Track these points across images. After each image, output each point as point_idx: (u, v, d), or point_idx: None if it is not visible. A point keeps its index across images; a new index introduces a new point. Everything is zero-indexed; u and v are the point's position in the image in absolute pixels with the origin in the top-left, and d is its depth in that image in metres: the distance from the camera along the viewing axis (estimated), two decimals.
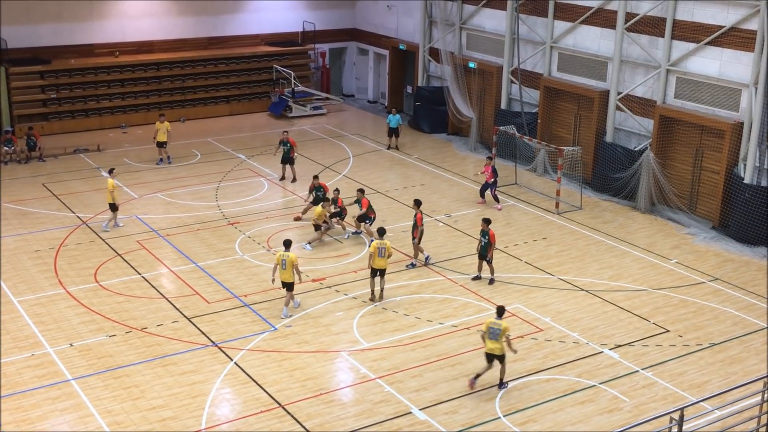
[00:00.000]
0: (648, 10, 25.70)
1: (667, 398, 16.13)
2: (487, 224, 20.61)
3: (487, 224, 20.61)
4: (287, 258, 18.63)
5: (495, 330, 15.97)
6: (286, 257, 18.64)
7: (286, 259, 18.63)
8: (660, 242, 23.62)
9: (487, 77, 31.96)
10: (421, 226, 21.47)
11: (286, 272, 18.68)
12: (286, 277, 18.75)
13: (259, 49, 36.82)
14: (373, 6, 37.96)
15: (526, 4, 29.88)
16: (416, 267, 21.52)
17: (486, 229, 20.57)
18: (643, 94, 26.34)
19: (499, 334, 15.93)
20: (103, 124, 33.49)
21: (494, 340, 15.98)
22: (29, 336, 17.90)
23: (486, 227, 20.59)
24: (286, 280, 18.80)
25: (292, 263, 18.64)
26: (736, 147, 23.79)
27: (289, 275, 18.72)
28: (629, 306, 19.83)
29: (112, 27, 33.91)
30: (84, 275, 20.78)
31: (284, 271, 18.69)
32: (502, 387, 16.33)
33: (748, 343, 18.29)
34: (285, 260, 18.64)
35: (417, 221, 21.43)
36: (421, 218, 21.50)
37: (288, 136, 27.61)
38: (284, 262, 18.65)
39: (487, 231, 20.55)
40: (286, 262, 18.63)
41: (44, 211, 24.83)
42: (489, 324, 16.07)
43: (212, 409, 15.55)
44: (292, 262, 18.63)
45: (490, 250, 20.61)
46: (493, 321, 16.09)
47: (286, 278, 18.77)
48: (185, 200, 25.95)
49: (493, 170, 25.79)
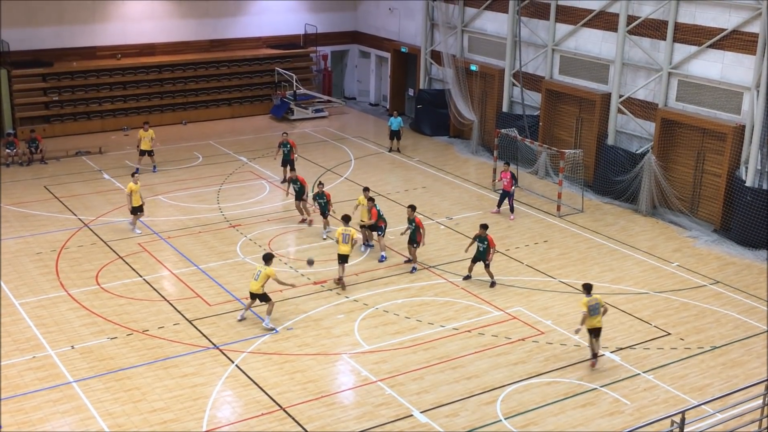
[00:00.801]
0: (650, 13, 25.71)
1: (668, 401, 16.12)
2: (484, 230, 20.57)
3: (484, 230, 20.57)
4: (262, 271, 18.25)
5: (596, 306, 16.87)
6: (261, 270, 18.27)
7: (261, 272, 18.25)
8: (661, 245, 23.61)
9: (489, 80, 31.97)
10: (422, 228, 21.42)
11: (257, 283, 18.32)
12: (255, 289, 18.41)
13: (260, 51, 36.85)
14: (375, 9, 38.00)
15: (528, 7, 29.91)
16: (418, 270, 21.50)
17: (483, 234, 20.51)
18: (645, 97, 26.35)
19: (599, 308, 16.89)
20: (105, 127, 33.54)
21: (597, 315, 16.89)
22: (30, 338, 17.91)
23: (483, 233, 20.55)
24: (255, 292, 18.46)
25: (267, 276, 18.21)
26: (737, 150, 23.78)
27: (259, 287, 18.34)
28: (630, 309, 19.82)
29: (114, 29, 33.96)
30: (85, 278, 20.79)
31: (254, 282, 18.36)
32: (594, 359, 17.27)
33: (749, 346, 18.27)
34: (259, 272, 18.26)
35: (419, 224, 21.34)
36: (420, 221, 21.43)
37: (288, 138, 27.62)
38: (258, 274, 18.28)
39: (485, 237, 20.51)
40: (260, 274, 18.24)
41: (46, 214, 24.85)
42: (587, 302, 16.78)
43: (213, 412, 15.55)
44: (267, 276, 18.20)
45: (490, 255, 20.54)
46: (589, 299, 16.86)
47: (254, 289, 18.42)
48: (187, 203, 25.97)
49: (513, 177, 25.26)
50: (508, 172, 25.25)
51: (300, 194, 24.16)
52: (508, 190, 25.24)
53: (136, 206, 23.33)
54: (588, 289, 17.23)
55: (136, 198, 23.23)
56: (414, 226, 21.38)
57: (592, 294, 17.11)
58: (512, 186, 25.18)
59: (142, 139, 28.33)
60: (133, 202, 23.25)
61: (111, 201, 25.86)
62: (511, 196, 25.34)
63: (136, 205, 23.30)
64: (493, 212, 25.64)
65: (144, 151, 28.44)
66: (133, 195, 23.19)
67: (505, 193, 25.39)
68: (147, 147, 28.37)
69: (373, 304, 19.78)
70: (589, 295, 17.05)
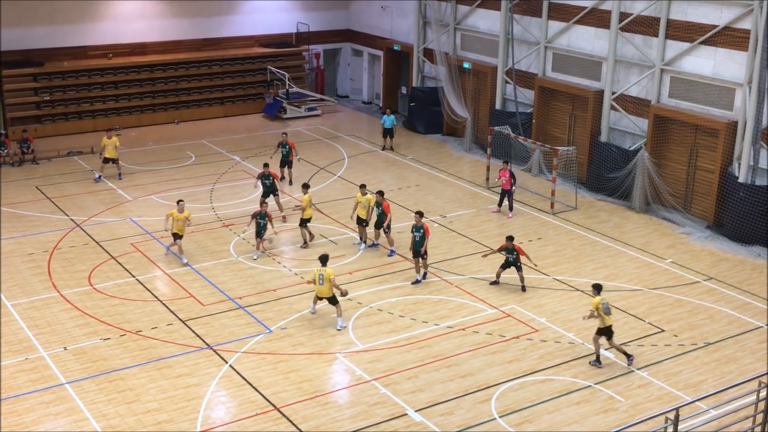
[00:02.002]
0: (642, 10, 25.72)
1: (662, 398, 16.13)
2: (510, 242, 20.30)
3: (510, 242, 20.30)
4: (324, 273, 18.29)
5: (607, 305, 16.99)
6: (323, 272, 18.29)
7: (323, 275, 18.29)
8: (655, 242, 23.63)
9: (482, 77, 31.96)
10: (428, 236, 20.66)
11: (324, 287, 18.37)
12: (325, 293, 18.50)
13: (253, 50, 36.77)
14: (367, 7, 37.94)
15: (520, 5, 29.89)
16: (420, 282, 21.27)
17: (511, 246, 20.27)
18: (638, 93, 26.35)
19: (610, 307, 17.10)
20: (97, 127, 33.39)
21: (610, 314, 17.01)
22: (23, 340, 17.83)
23: (510, 244, 20.28)
24: (325, 296, 18.57)
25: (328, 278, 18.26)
26: (730, 146, 23.81)
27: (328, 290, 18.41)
28: (624, 306, 19.82)
29: (105, 29, 33.84)
30: (78, 278, 20.71)
31: (320, 287, 18.41)
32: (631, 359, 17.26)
33: (743, 342, 18.30)
34: (322, 275, 18.28)
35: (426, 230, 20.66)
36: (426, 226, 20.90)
37: (287, 138, 27.44)
38: (321, 278, 18.31)
39: (512, 248, 20.32)
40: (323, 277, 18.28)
41: (38, 214, 24.75)
42: (599, 303, 16.86)
43: (207, 412, 15.50)
44: (328, 277, 18.25)
45: (524, 261, 20.36)
46: (601, 298, 16.98)
47: (324, 294, 18.53)
48: None
49: (512, 175, 25.09)
50: (507, 171, 25.09)
51: (270, 190, 24.31)
52: (507, 188, 25.13)
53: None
54: (599, 289, 17.18)
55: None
56: (422, 233, 20.56)
57: (327, 265, 17.48)
58: (511, 185, 25.07)
59: (105, 147, 27.14)
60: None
61: (103, 201, 25.78)
62: (511, 194, 25.24)
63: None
64: (494, 211, 25.54)
65: (108, 159, 27.31)
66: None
67: (505, 191, 25.28)
68: (112, 155, 27.29)
69: (367, 302, 19.75)
70: (599, 295, 17.02)
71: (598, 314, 16.89)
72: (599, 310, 16.85)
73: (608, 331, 17.02)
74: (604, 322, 16.92)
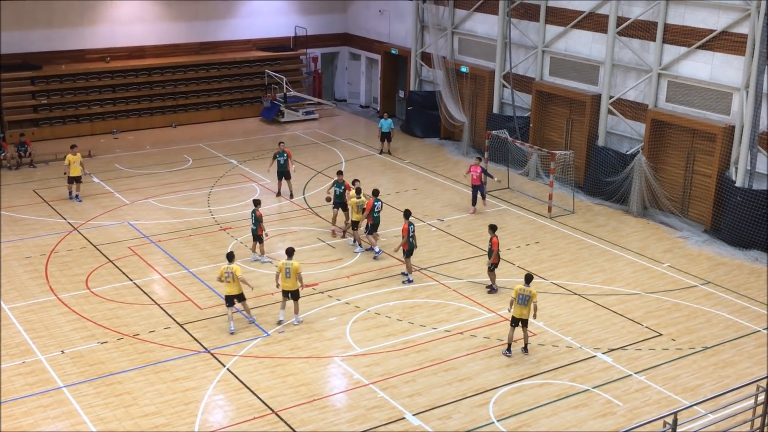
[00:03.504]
0: (639, 15, 25.77)
1: (660, 402, 16.14)
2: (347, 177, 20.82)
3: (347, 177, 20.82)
4: (231, 270, 18.14)
5: (524, 296, 17.31)
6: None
7: (290, 268, 18.30)
8: (652, 246, 23.65)
9: (480, 81, 31.99)
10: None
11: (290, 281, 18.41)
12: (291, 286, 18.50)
13: (250, 54, 36.77)
14: (365, 11, 37.98)
15: (518, 9, 29.94)
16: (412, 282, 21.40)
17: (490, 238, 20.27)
18: (635, 98, 26.40)
19: (528, 300, 17.30)
20: (94, 130, 33.39)
21: (523, 305, 17.33)
22: (20, 343, 17.80)
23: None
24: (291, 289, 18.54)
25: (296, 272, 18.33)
26: (727, 150, 23.85)
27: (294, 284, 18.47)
28: (622, 310, 19.84)
29: (103, 32, 33.83)
30: (75, 282, 20.69)
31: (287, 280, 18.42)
32: (526, 351, 17.71)
33: (740, 346, 18.31)
34: (230, 272, 18.13)
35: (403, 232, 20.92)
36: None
37: (284, 147, 26.54)
38: (288, 271, 18.33)
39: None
40: (232, 273, 18.13)
41: (35, 218, 24.72)
42: (518, 290, 17.32)
43: (205, 416, 15.48)
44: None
45: (494, 258, 20.38)
46: (522, 287, 17.38)
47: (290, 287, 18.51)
48: (177, 206, 25.88)
49: (483, 172, 25.27)
50: (478, 167, 25.28)
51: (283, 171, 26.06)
52: (476, 184, 25.36)
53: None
54: (528, 280, 17.58)
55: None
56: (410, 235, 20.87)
57: (530, 286, 17.43)
58: (481, 180, 25.26)
59: (71, 164, 25.56)
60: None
61: (101, 204, 25.76)
62: (482, 188, 25.49)
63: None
64: (470, 212, 25.57)
65: (73, 178, 25.76)
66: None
67: (475, 187, 25.48)
68: (76, 173, 25.69)
69: (365, 306, 19.75)
70: (526, 285, 17.44)
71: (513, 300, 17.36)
72: (516, 297, 17.30)
73: (521, 321, 17.50)
74: (517, 310, 17.38)
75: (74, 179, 25.81)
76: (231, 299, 18.38)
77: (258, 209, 21.71)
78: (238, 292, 18.40)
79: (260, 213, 21.70)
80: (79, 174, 25.81)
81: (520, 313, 17.47)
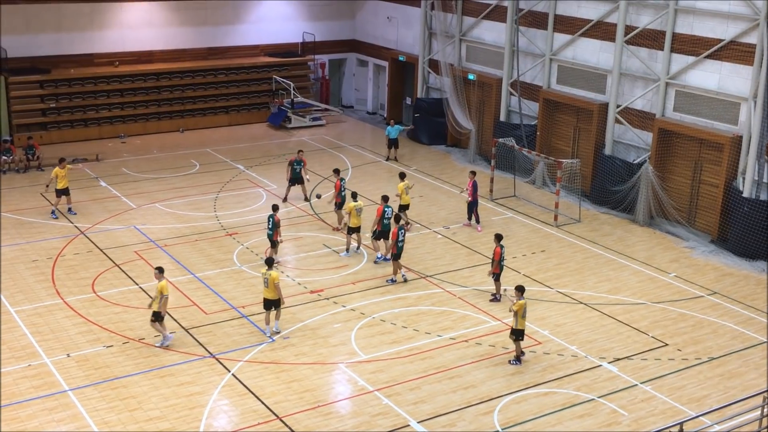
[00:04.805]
0: (648, 23, 25.77)
1: (666, 412, 16.08)
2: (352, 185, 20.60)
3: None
4: (269, 276, 18.21)
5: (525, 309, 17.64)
6: (268, 276, 18.22)
7: (268, 278, 18.22)
8: (659, 255, 23.60)
9: (487, 89, 32.00)
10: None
11: (270, 291, 18.30)
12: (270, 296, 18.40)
13: (258, 59, 36.86)
14: (373, 17, 38.05)
15: (526, 17, 29.96)
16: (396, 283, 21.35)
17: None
18: (643, 107, 26.38)
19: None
20: (102, 134, 33.49)
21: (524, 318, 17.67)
22: (26, 346, 17.83)
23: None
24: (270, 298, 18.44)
25: (274, 281, 18.19)
26: (735, 160, 23.81)
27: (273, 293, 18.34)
28: (628, 319, 19.79)
29: (112, 37, 33.95)
30: (81, 285, 20.72)
31: (267, 290, 18.32)
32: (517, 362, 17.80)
33: (747, 357, 18.25)
34: (267, 279, 18.22)
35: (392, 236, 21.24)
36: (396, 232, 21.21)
37: (303, 156, 26.55)
38: (266, 281, 18.27)
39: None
40: (268, 280, 18.21)
41: (42, 221, 24.78)
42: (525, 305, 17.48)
43: (209, 421, 15.48)
44: (274, 281, 18.16)
45: (495, 268, 20.32)
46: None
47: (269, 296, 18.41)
48: (183, 211, 25.92)
49: (474, 186, 24.81)
50: (470, 181, 24.83)
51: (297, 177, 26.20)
52: (470, 200, 24.88)
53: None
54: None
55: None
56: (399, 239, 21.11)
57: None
58: (473, 196, 24.72)
59: (57, 177, 24.84)
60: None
61: (108, 209, 25.80)
62: (473, 206, 24.94)
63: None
64: (466, 225, 25.30)
65: (61, 192, 25.00)
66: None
67: (468, 203, 25.05)
68: (63, 185, 24.94)
69: (370, 313, 19.74)
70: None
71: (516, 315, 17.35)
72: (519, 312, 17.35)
73: (522, 333, 17.58)
74: (516, 324, 17.40)
75: (62, 192, 25.03)
76: (269, 304, 18.39)
77: (276, 214, 21.78)
78: (274, 298, 18.32)
79: (278, 218, 21.77)
80: (65, 186, 24.98)
81: (524, 325, 17.55)
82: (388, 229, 22.26)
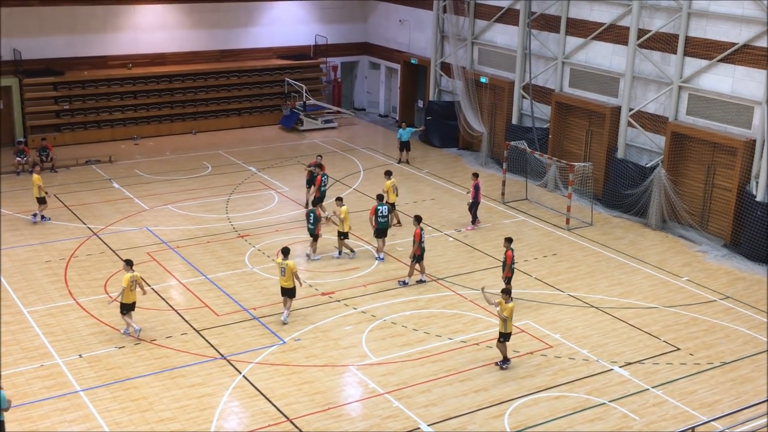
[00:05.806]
0: (660, 27, 25.69)
1: (677, 417, 16.01)
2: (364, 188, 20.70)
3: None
4: (286, 266, 18.84)
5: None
6: (285, 265, 18.83)
7: (285, 267, 18.84)
8: (671, 259, 23.51)
9: (499, 92, 31.98)
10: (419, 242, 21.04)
11: (286, 279, 18.92)
12: (286, 284, 19.01)
13: (271, 62, 36.95)
14: (385, 20, 38.08)
15: (538, 20, 29.93)
16: (408, 285, 21.37)
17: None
18: (655, 110, 26.30)
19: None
20: (115, 136, 33.64)
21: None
22: (39, 347, 17.93)
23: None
24: (286, 287, 19.05)
25: (291, 271, 18.86)
26: (748, 164, 23.70)
27: (290, 282, 18.96)
28: (639, 323, 19.73)
29: (125, 39, 34.11)
30: (94, 286, 20.82)
31: (283, 278, 18.95)
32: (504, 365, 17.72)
33: (759, 362, 18.16)
34: (284, 268, 18.87)
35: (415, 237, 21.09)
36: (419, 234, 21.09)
37: (321, 161, 26.51)
38: (283, 270, 18.89)
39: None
40: (285, 269, 18.86)
41: (55, 222, 24.91)
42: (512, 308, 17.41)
43: (220, 422, 15.53)
44: (291, 270, 18.85)
45: (507, 272, 20.31)
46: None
47: (285, 285, 19.03)
48: (196, 212, 26.00)
49: (476, 188, 24.88)
50: (474, 183, 24.98)
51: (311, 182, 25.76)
52: (472, 200, 25.09)
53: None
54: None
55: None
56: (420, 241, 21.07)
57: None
58: (474, 197, 24.92)
59: (35, 185, 24.50)
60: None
61: (120, 210, 25.92)
62: (473, 206, 25.20)
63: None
64: (469, 229, 25.28)
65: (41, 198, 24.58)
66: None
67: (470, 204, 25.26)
68: (37, 194, 24.46)
69: (381, 315, 19.75)
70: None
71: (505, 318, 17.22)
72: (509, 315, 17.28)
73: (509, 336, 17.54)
74: (507, 327, 17.31)
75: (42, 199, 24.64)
76: (285, 291, 19.14)
77: (317, 209, 22.78)
78: (290, 287, 18.99)
79: (320, 213, 22.61)
80: (40, 194, 24.50)
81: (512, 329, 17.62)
82: (384, 227, 22.49)
